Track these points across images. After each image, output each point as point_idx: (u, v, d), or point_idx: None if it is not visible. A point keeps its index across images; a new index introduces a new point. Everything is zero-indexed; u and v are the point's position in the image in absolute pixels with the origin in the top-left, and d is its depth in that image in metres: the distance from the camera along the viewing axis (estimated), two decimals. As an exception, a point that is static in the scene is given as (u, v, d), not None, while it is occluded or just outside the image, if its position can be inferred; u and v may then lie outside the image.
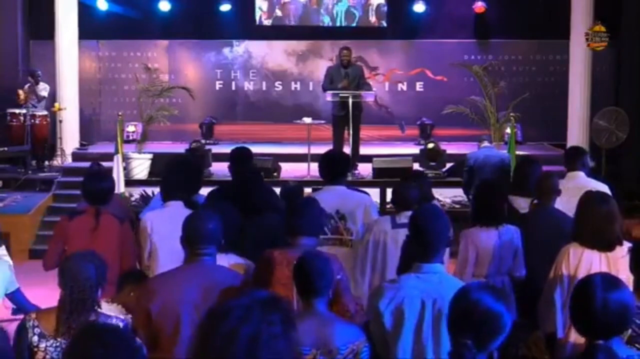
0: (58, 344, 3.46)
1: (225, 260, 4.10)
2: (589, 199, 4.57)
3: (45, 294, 4.45)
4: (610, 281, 2.90)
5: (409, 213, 4.99)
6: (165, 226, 4.80)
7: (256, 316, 2.03)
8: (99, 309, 3.54)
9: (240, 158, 6.37)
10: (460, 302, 2.75)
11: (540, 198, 5.48)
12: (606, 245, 4.37)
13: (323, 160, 5.79)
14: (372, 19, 14.55)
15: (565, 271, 4.40)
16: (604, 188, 6.01)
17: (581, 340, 4.20)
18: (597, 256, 4.37)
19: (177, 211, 4.72)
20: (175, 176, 5.22)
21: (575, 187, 5.62)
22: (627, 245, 4.32)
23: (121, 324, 3.51)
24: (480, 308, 2.69)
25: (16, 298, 4.68)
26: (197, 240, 3.72)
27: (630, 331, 3.24)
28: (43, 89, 12.45)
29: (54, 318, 3.49)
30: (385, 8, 14.45)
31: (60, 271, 3.59)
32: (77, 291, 3.48)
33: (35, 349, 3.46)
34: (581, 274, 4.33)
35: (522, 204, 5.73)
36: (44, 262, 5.12)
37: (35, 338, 3.46)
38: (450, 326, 2.77)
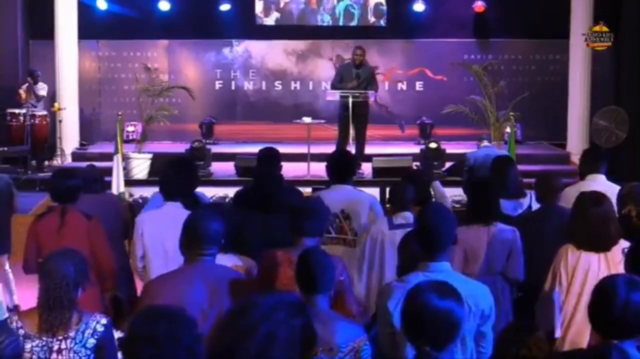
0: (44, 343, 3.46)
1: (226, 261, 4.10)
2: (583, 200, 4.57)
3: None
4: (633, 281, 2.88)
5: (406, 214, 5.04)
6: (157, 228, 4.81)
7: (280, 316, 2.03)
8: (80, 309, 3.53)
9: (261, 158, 6.36)
10: (409, 308, 2.76)
11: (544, 197, 5.44)
12: (602, 246, 4.36)
13: (331, 159, 5.79)
14: (372, 18, 14.55)
15: (563, 271, 4.40)
16: (617, 190, 6.00)
17: (579, 339, 4.23)
18: (596, 257, 4.37)
19: (173, 212, 4.73)
20: (174, 175, 5.22)
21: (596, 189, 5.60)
22: (624, 244, 4.31)
23: (104, 321, 3.53)
24: (429, 311, 2.70)
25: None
26: (200, 240, 3.71)
27: None
28: (42, 89, 12.45)
29: (37, 318, 3.50)
30: (385, 7, 14.44)
31: (39, 270, 3.61)
32: (53, 289, 3.47)
33: (21, 351, 3.45)
34: (579, 274, 4.34)
35: (508, 206, 5.73)
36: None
37: (21, 340, 3.44)
38: (405, 332, 2.78)
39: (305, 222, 4.10)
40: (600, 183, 5.91)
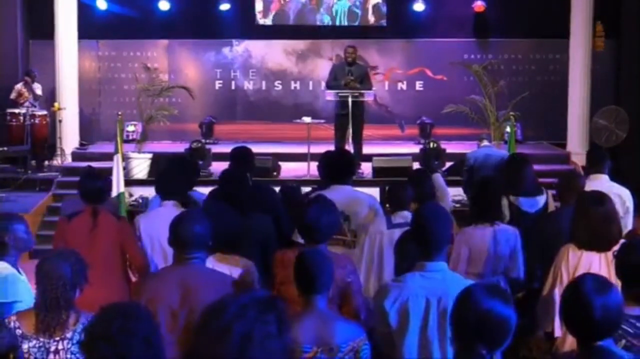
0: (41, 344, 3.46)
1: (232, 261, 4.10)
2: (585, 200, 4.56)
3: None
4: (601, 283, 2.88)
5: (405, 213, 5.03)
6: (154, 228, 4.86)
7: (251, 314, 2.03)
8: (78, 309, 3.53)
9: (233, 157, 6.37)
10: (470, 311, 2.68)
11: (563, 197, 5.42)
12: (603, 246, 4.35)
13: (329, 159, 5.75)
14: (372, 18, 14.54)
15: (564, 271, 4.39)
16: (625, 193, 6.04)
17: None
18: (597, 257, 4.36)
19: (168, 212, 4.75)
20: (168, 174, 5.26)
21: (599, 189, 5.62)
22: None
23: None
24: (494, 318, 2.65)
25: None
26: (183, 245, 3.70)
27: (624, 341, 3.25)
28: (37, 88, 12.49)
29: (35, 318, 3.50)
30: (385, 7, 14.44)
31: (36, 270, 3.59)
32: (49, 290, 3.47)
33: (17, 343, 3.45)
34: (581, 274, 4.32)
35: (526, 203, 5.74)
36: None
37: (18, 340, 3.45)
38: (458, 334, 2.71)
39: (318, 227, 3.99)
40: (603, 182, 5.97)
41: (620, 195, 5.95)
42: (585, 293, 2.82)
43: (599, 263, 4.33)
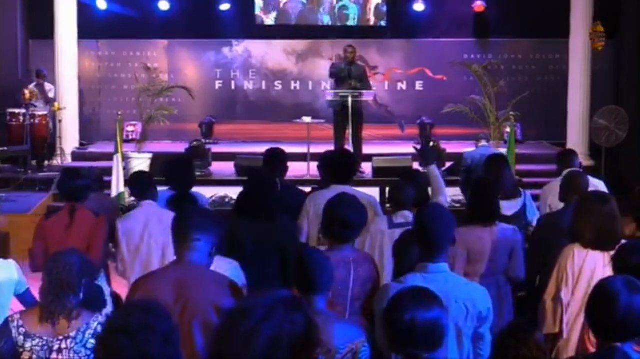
0: (44, 342, 3.46)
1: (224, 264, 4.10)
2: (588, 200, 4.53)
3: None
4: (633, 283, 2.87)
5: (406, 213, 5.01)
6: (133, 229, 4.94)
7: (279, 315, 2.03)
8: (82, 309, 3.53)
9: (266, 159, 6.36)
10: (396, 323, 2.72)
11: (566, 198, 5.40)
12: (609, 245, 4.30)
13: (329, 159, 5.73)
14: (372, 18, 14.54)
15: (570, 272, 4.35)
16: (600, 184, 6.24)
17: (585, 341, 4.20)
18: (601, 257, 4.32)
19: (149, 211, 4.82)
20: (180, 172, 5.29)
21: None
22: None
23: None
24: (419, 325, 2.68)
25: (26, 298, 4.69)
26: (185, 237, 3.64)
27: None
28: (50, 91, 12.48)
29: (38, 316, 3.49)
30: (385, 7, 14.44)
31: (45, 265, 3.61)
32: (56, 274, 3.48)
33: (21, 350, 3.45)
34: (586, 274, 4.29)
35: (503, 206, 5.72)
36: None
37: (21, 338, 3.45)
38: (392, 343, 2.76)
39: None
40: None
41: (596, 186, 6.04)
42: (613, 290, 2.82)
43: (603, 262, 4.30)
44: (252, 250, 4.70)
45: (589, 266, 4.31)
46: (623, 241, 4.28)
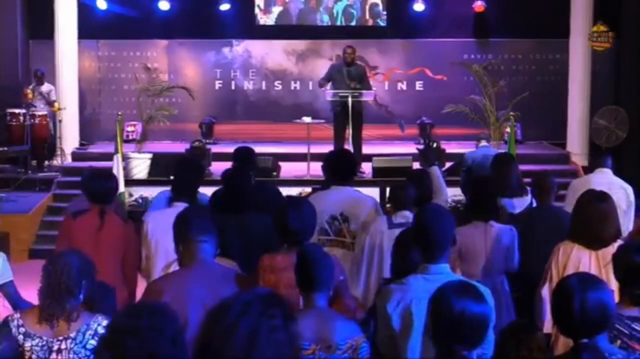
0: (44, 342, 3.45)
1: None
2: (586, 197, 4.58)
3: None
4: (588, 280, 2.92)
5: (406, 213, 5.01)
6: (164, 228, 4.79)
7: (256, 310, 2.06)
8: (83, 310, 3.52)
9: (236, 157, 6.34)
10: (445, 315, 2.72)
11: (539, 197, 5.48)
12: (598, 244, 4.36)
13: (331, 159, 5.73)
14: (372, 18, 14.54)
15: (554, 268, 4.42)
16: (629, 188, 6.54)
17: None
18: (587, 254, 4.37)
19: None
20: (187, 174, 5.25)
21: (603, 181, 6.15)
22: (619, 244, 4.29)
23: (105, 322, 3.50)
24: (468, 318, 2.69)
25: (8, 290, 4.63)
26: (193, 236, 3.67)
27: (619, 341, 3.25)
28: (50, 91, 12.46)
29: (38, 315, 3.49)
30: (385, 7, 14.44)
31: (44, 267, 3.59)
32: (55, 275, 3.47)
33: (21, 349, 3.45)
34: (569, 271, 4.34)
35: (510, 204, 5.74)
36: None
37: (21, 338, 3.45)
38: (436, 335, 2.76)
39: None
40: (608, 175, 6.54)
41: (625, 188, 6.43)
42: (568, 289, 2.87)
43: (589, 261, 4.34)
44: (238, 244, 4.67)
45: (573, 264, 4.36)
46: (620, 241, 4.31)
